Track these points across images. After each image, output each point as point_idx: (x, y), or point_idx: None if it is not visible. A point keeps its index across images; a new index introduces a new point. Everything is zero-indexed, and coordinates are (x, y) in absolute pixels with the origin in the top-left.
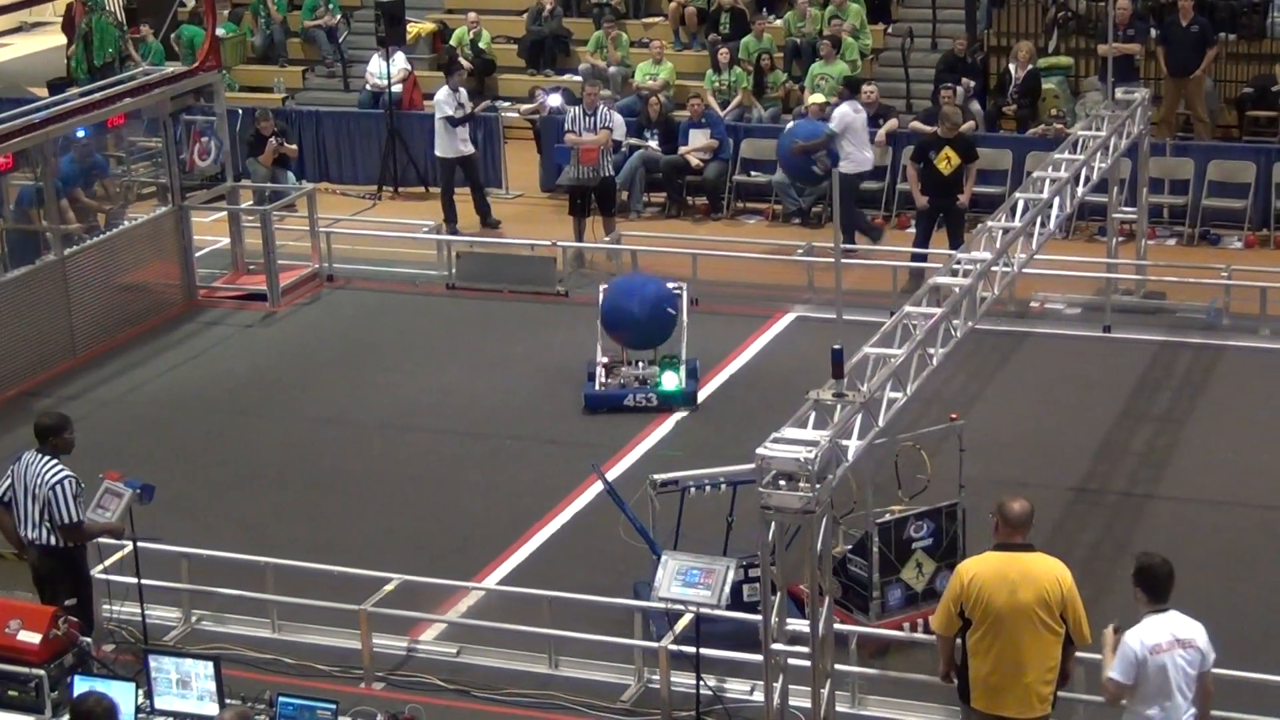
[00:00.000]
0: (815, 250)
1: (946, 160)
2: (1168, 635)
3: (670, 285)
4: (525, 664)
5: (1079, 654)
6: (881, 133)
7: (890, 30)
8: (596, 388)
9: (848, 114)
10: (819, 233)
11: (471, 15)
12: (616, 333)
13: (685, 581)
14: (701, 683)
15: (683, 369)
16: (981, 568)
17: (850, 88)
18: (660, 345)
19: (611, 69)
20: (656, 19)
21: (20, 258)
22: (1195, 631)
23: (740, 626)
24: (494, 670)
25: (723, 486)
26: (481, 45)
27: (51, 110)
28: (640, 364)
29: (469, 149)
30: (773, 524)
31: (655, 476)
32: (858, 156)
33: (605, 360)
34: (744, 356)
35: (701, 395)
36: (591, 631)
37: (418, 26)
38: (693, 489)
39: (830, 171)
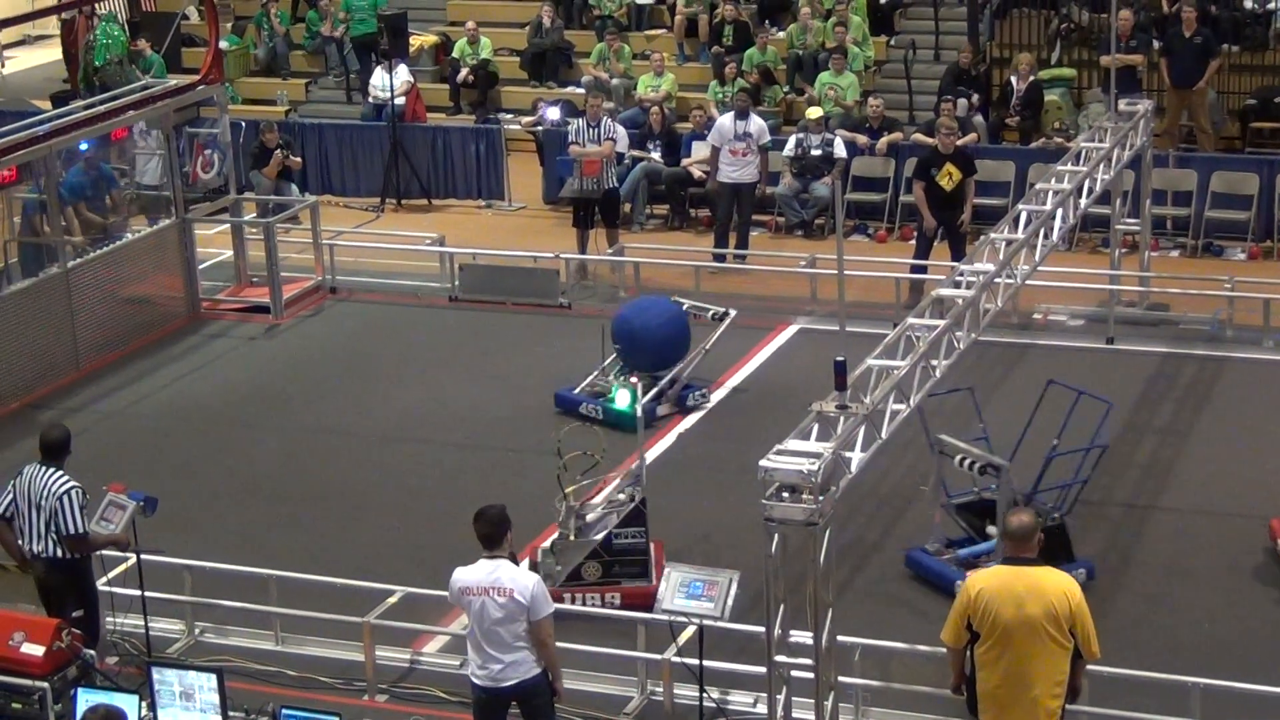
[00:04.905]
0: (818, 262)
1: (948, 176)
2: (485, 580)
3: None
4: None
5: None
6: (882, 143)
7: (893, 42)
8: (576, 390)
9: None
10: (822, 244)
11: (470, 24)
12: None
13: (688, 594)
14: (705, 695)
15: (641, 392)
16: (989, 581)
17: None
18: (662, 367)
19: (614, 81)
20: (659, 31)
21: (24, 270)
22: (519, 583)
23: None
24: None
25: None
26: (485, 56)
27: (55, 123)
28: (613, 377)
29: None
30: (776, 536)
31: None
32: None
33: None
34: (747, 369)
35: (705, 407)
36: (594, 643)
37: (420, 39)
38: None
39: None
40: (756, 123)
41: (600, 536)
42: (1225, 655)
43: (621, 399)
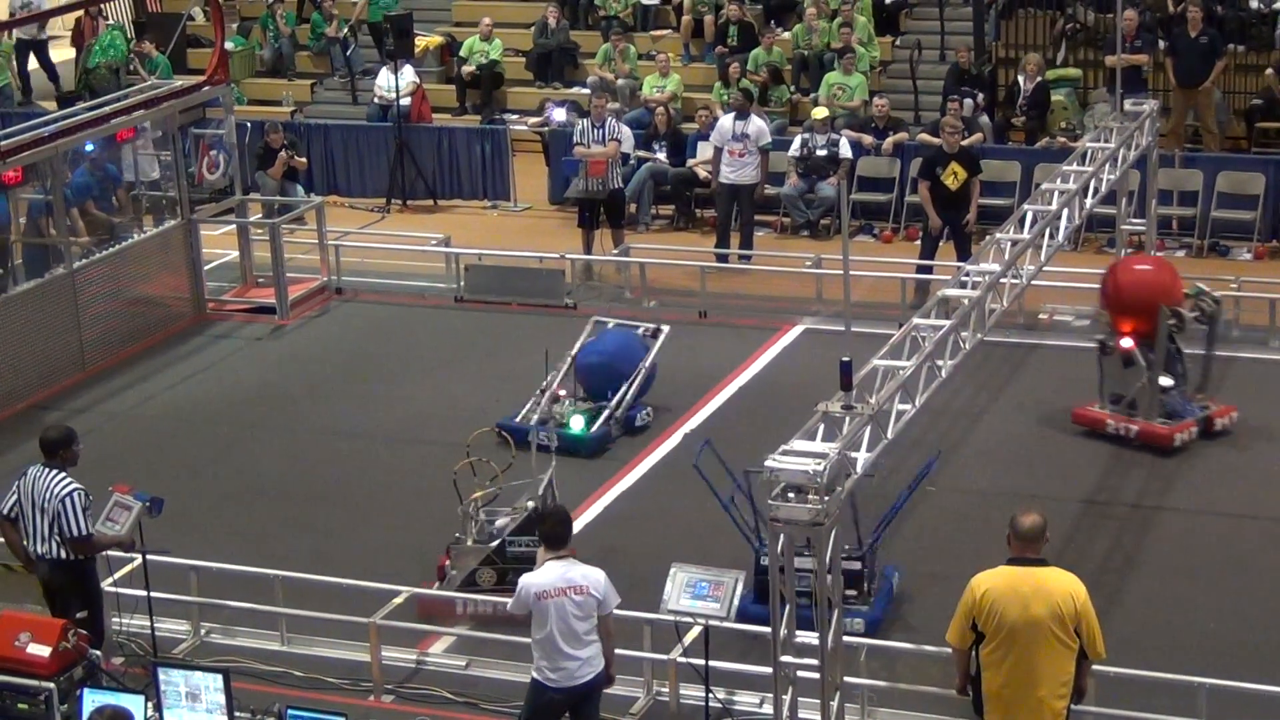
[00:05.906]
0: (823, 262)
1: (953, 175)
2: (560, 581)
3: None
4: None
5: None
6: (888, 144)
7: (898, 42)
8: (518, 418)
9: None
10: (827, 245)
11: (486, 21)
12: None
13: (694, 594)
14: (710, 695)
15: (601, 415)
16: (995, 582)
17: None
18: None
19: (619, 81)
20: (664, 32)
21: (30, 271)
22: (591, 579)
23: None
24: (503, 682)
25: None
26: (494, 56)
27: (60, 124)
28: (567, 402)
29: None
30: (781, 537)
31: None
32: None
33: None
34: (752, 369)
35: (710, 408)
36: None
37: (426, 40)
38: None
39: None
40: (756, 123)
41: (495, 544)
42: (1231, 655)
43: (575, 423)
